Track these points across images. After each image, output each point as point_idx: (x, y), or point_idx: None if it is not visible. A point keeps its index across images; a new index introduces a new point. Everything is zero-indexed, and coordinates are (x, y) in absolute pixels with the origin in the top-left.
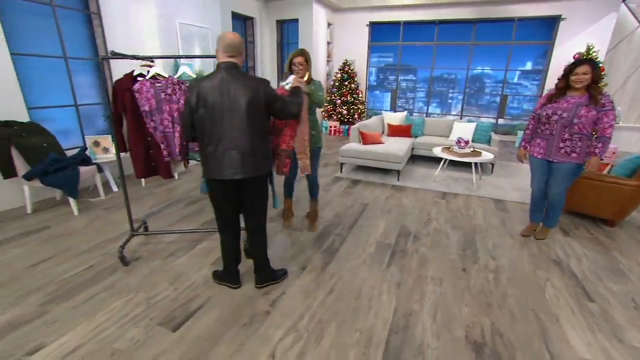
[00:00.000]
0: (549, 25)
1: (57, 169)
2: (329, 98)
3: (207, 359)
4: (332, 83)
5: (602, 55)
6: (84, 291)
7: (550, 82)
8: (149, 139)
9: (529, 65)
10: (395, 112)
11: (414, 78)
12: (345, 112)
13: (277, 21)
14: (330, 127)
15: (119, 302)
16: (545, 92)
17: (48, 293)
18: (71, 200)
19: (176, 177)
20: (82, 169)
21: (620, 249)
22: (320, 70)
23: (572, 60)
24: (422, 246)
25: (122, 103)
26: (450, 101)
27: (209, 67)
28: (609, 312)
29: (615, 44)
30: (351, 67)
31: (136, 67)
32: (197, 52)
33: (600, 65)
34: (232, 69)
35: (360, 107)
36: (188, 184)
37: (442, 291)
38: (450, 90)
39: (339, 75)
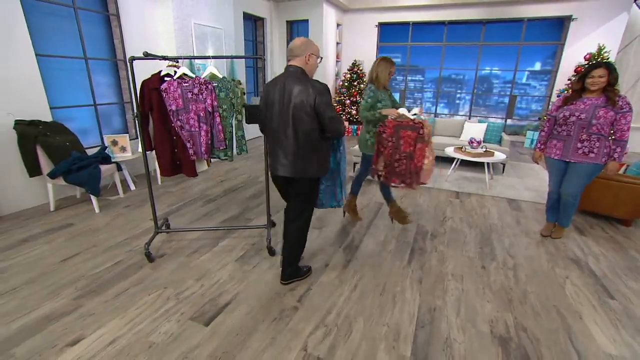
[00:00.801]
0: (558, 26)
1: (80, 167)
2: (338, 98)
3: (240, 352)
4: (340, 83)
5: (613, 55)
6: (114, 286)
7: (560, 83)
8: (175, 137)
9: (537, 66)
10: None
11: (422, 78)
12: (354, 112)
13: (287, 21)
14: None
15: (149, 297)
16: (555, 92)
17: (80, 288)
18: (93, 198)
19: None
20: (103, 168)
21: (638, 247)
22: (329, 71)
23: (582, 61)
24: (440, 244)
25: (149, 102)
26: (458, 101)
27: (221, 67)
28: (631, 309)
29: (626, 44)
30: (360, 68)
31: (162, 67)
32: (211, 52)
33: None
34: (291, 72)
35: None
36: (204, 182)
37: (464, 287)
38: (458, 91)
39: (348, 75)
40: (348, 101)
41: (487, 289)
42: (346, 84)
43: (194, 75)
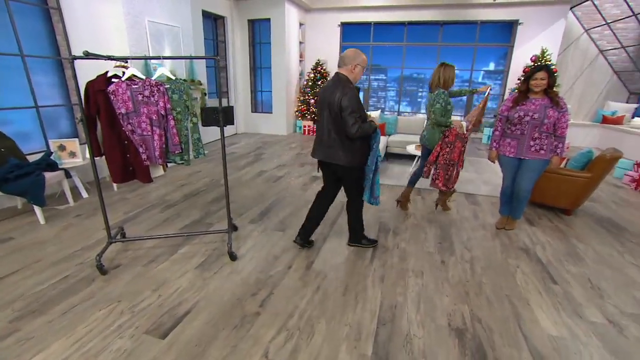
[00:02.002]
0: (508, 29)
1: (19, 175)
2: (302, 98)
3: None
4: (305, 83)
5: (555, 57)
6: (60, 303)
7: (511, 82)
8: (126, 142)
9: (492, 66)
10: (367, 111)
11: (385, 77)
12: None
13: (249, 20)
14: (304, 126)
15: (100, 313)
16: (508, 91)
17: (18, 309)
18: (36, 209)
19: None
20: (48, 175)
21: (577, 235)
22: (292, 71)
23: (529, 62)
24: (402, 241)
25: (95, 105)
26: (420, 100)
27: (179, 67)
28: (570, 292)
29: (564, 48)
30: (323, 67)
31: (110, 67)
32: (168, 52)
33: (553, 67)
34: (337, 76)
35: None
36: (164, 187)
37: (424, 283)
38: (420, 90)
39: (312, 75)
40: (312, 100)
41: (446, 283)
42: (310, 83)
43: (144, 77)
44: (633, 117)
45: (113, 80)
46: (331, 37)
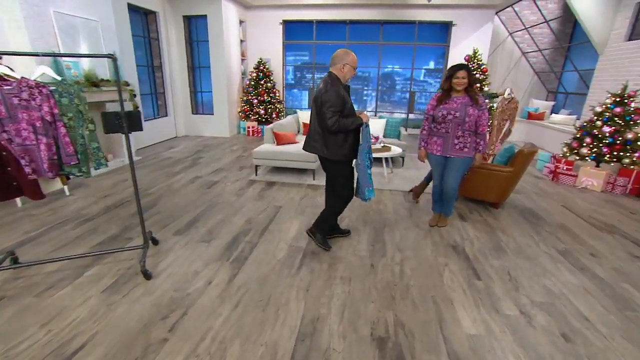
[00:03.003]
0: (445, 30)
1: None
2: (245, 98)
3: None
4: (247, 82)
5: (485, 57)
6: None
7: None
8: (4, 153)
9: (432, 65)
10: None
11: None
12: (262, 112)
13: (184, 17)
14: (248, 127)
15: None
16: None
17: None
18: None
19: (67, 193)
20: None
21: (502, 227)
22: (234, 70)
23: (463, 62)
24: (333, 245)
25: None
26: (365, 98)
27: (100, 65)
28: (491, 287)
29: (494, 49)
30: (266, 66)
31: None
32: (84, 48)
33: (484, 66)
34: (328, 75)
35: (278, 106)
36: (83, 199)
37: (351, 290)
38: (365, 88)
39: (254, 74)
40: (256, 100)
41: (373, 289)
42: (252, 83)
43: (18, 76)
44: (551, 114)
45: None
46: (273, 36)
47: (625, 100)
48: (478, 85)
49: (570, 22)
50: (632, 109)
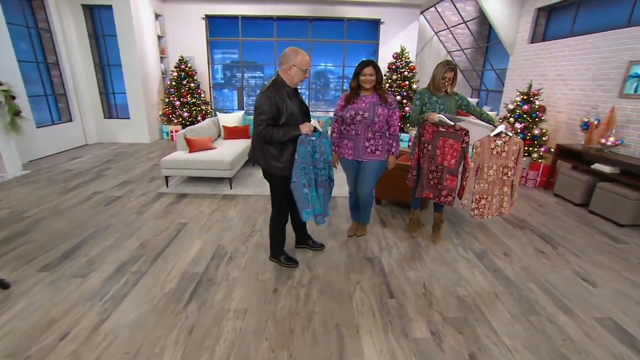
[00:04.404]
0: (375, 27)
1: None
2: (167, 100)
3: None
4: (168, 83)
5: (413, 55)
6: None
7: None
8: None
9: None
10: (242, 110)
11: (261, 75)
12: (186, 114)
13: (84, 6)
14: (172, 132)
15: None
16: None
17: None
18: None
19: None
20: None
21: (423, 231)
22: (151, 69)
23: (392, 59)
24: (235, 268)
25: None
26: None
27: None
28: (404, 305)
29: (422, 47)
30: (188, 65)
31: None
32: None
33: (411, 64)
34: (274, 78)
35: (205, 107)
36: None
37: (244, 326)
38: (299, 87)
39: (176, 73)
40: (178, 102)
41: (271, 321)
42: (174, 83)
43: None
44: None
45: None
46: (196, 32)
47: (531, 99)
48: (407, 83)
49: (487, 24)
50: (537, 106)
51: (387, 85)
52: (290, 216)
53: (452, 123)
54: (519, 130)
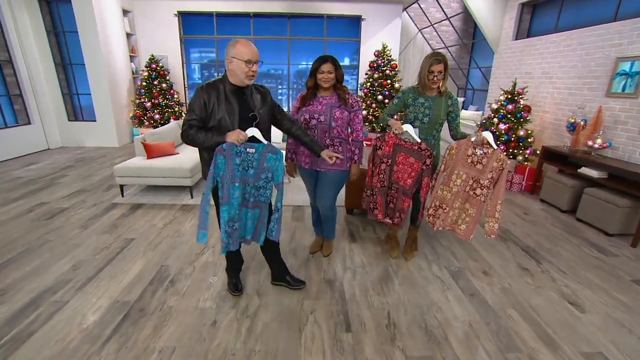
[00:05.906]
0: (356, 24)
1: None
2: (138, 101)
3: None
4: (139, 83)
5: (396, 53)
6: None
7: (361, 77)
8: None
9: (347, 61)
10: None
11: None
12: (158, 116)
13: (41, 0)
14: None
15: None
16: (358, 86)
17: None
18: None
19: None
20: None
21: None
22: (119, 69)
23: (373, 57)
24: (174, 294)
25: None
26: (280, 97)
27: None
28: (362, 341)
29: (405, 45)
30: (160, 64)
31: None
32: None
33: (393, 62)
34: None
35: (179, 109)
36: None
37: None
38: (279, 87)
39: (146, 73)
40: (149, 104)
41: None
42: (144, 83)
43: None
44: (462, 109)
45: None
46: (169, 29)
47: (516, 98)
48: (389, 82)
49: (472, 21)
50: (521, 106)
51: (369, 84)
52: (261, 248)
53: (419, 140)
54: (503, 132)
